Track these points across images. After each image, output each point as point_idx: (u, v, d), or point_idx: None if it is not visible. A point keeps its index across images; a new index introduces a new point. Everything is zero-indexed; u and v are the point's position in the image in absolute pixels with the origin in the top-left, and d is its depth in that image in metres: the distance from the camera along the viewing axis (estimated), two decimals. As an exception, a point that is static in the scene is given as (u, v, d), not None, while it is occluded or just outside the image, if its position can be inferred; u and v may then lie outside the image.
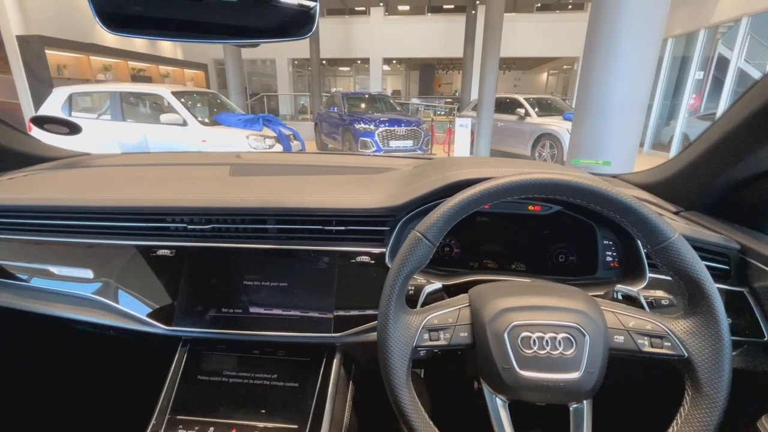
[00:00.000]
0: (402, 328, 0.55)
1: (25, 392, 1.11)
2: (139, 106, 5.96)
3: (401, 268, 0.55)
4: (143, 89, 6.08)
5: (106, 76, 10.21)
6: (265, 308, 0.77)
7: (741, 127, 0.66)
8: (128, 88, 5.98)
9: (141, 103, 5.95)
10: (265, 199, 0.81)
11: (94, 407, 1.20)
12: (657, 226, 0.51)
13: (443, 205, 0.55)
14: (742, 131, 0.66)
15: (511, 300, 0.55)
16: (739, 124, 0.66)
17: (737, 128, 0.67)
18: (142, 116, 5.84)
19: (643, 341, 0.52)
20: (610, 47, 2.27)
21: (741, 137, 0.67)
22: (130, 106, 5.81)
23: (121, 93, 5.65)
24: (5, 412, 1.07)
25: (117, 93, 5.62)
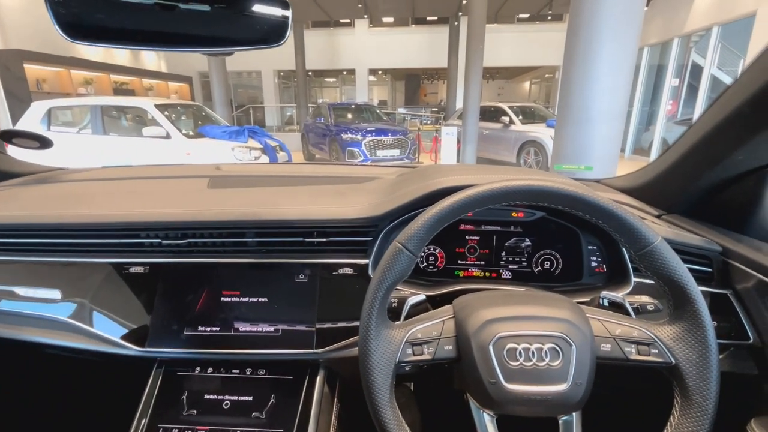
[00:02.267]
0: (384, 344, 0.53)
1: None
2: (122, 120, 5.86)
3: (382, 280, 0.53)
4: (125, 102, 5.99)
5: (88, 90, 10.04)
6: (245, 325, 0.74)
7: (715, 131, 0.67)
8: (109, 101, 5.89)
9: (123, 116, 5.85)
10: (242, 211, 0.78)
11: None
12: (639, 231, 0.50)
13: (423, 215, 0.54)
14: (716, 135, 0.67)
15: (496, 310, 0.53)
16: (713, 127, 0.67)
17: (712, 132, 0.67)
18: (125, 130, 5.73)
19: (631, 349, 0.51)
20: (589, 56, 2.32)
21: (716, 140, 0.68)
22: (111, 119, 5.71)
23: (102, 106, 5.55)
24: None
25: (98, 106, 5.52)
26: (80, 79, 9.99)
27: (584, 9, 2.32)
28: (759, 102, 0.55)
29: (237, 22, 0.56)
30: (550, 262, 0.82)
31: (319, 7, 11.97)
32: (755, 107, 0.56)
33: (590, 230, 0.78)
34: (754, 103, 0.56)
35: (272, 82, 15.44)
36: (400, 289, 0.72)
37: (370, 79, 15.65)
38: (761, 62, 0.54)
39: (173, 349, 0.74)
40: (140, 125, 5.45)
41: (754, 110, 0.57)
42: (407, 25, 14.51)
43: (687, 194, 0.78)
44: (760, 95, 0.54)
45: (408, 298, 0.63)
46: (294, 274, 0.77)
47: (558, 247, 0.82)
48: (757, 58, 0.54)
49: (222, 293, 0.76)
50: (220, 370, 0.76)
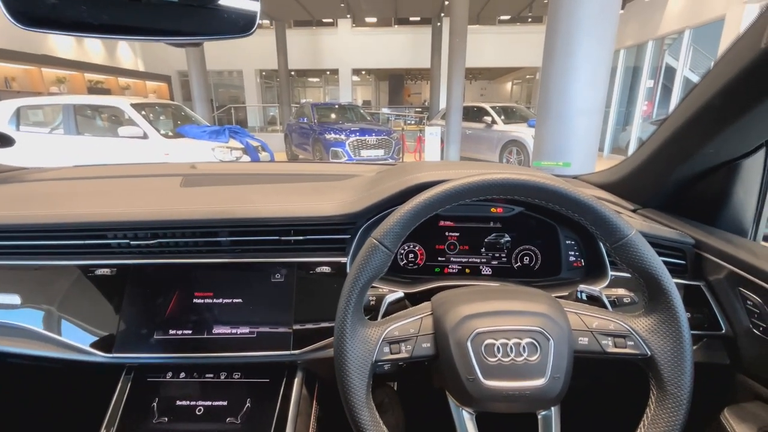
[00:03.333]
0: (360, 343, 0.51)
1: None
2: (96, 120, 5.65)
3: (357, 277, 0.52)
4: (99, 101, 5.79)
5: (60, 89, 9.69)
6: (218, 327, 0.72)
7: (686, 126, 0.68)
8: (83, 100, 5.67)
9: (98, 116, 5.65)
10: (215, 210, 0.75)
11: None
12: (614, 224, 0.50)
13: (399, 210, 0.52)
14: (687, 130, 0.68)
15: (474, 306, 0.52)
16: (684, 123, 0.68)
17: (683, 127, 0.68)
18: (99, 130, 5.53)
19: (607, 342, 0.51)
20: (567, 50, 2.36)
21: (687, 135, 0.69)
22: (85, 119, 5.50)
23: (75, 105, 5.33)
24: None
25: (70, 105, 5.31)
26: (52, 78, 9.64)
27: (563, 4, 2.36)
28: (727, 94, 0.56)
29: (203, 13, 0.54)
30: (530, 258, 0.82)
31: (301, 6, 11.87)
32: (724, 99, 0.57)
33: (568, 225, 0.78)
34: (722, 96, 0.57)
35: (254, 82, 15.22)
36: (377, 287, 0.71)
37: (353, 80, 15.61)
38: (729, 57, 0.55)
39: (142, 354, 0.71)
40: (116, 125, 5.26)
41: (723, 103, 0.58)
42: (390, 25, 14.52)
43: (661, 189, 0.79)
44: (728, 88, 0.55)
45: (386, 296, 0.61)
46: (270, 274, 0.75)
47: (537, 242, 0.82)
48: (725, 53, 0.55)
49: (194, 295, 0.73)
50: (193, 374, 0.73)
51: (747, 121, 0.57)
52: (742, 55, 0.51)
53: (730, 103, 0.57)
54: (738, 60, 0.52)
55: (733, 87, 0.54)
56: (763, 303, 0.59)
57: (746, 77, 0.52)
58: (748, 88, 0.53)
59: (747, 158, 0.68)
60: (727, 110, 0.58)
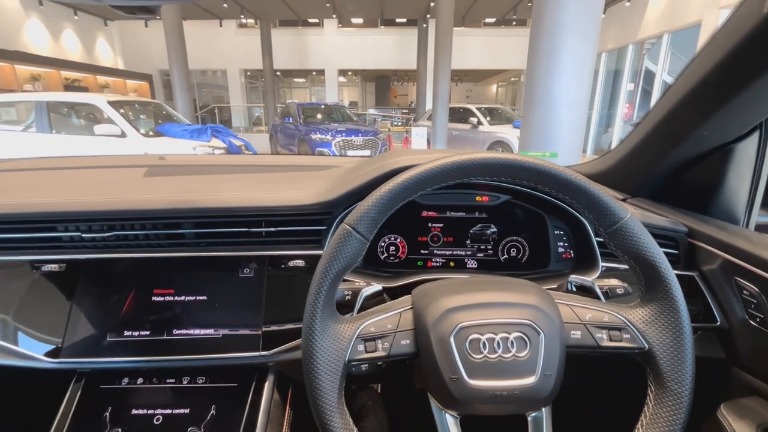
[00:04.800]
0: (331, 340, 0.46)
1: None
2: (72, 118, 5.46)
3: (328, 267, 0.46)
4: (74, 98, 5.56)
5: (35, 86, 9.34)
6: (180, 328, 0.65)
7: (679, 107, 0.64)
8: (56, 97, 5.45)
9: (73, 114, 5.45)
10: (177, 198, 0.69)
11: None
12: (609, 207, 0.46)
13: (375, 193, 0.47)
14: (679, 112, 0.65)
15: (458, 298, 0.48)
16: (676, 104, 0.64)
17: (675, 109, 0.65)
18: (75, 128, 5.34)
19: (602, 335, 0.47)
20: (553, 39, 2.36)
21: (679, 118, 0.66)
22: (60, 117, 5.30)
23: (48, 103, 5.13)
24: None
25: (43, 102, 5.10)
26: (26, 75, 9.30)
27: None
28: (725, 68, 0.53)
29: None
30: (517, 249, 0.78)
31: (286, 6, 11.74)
32: (721, 74, 0.54)
33: (557, 214, 0.75)
34: (719, 71, 0.54)
35: (238, 82, 15.00)
36: (354, 281, 0.66)
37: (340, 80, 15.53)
38: (726, 28, 0.52)
39: (95, 358, 0.64)
40: (93, 123, 5.08)
41: (720, 78, 0.54)
42: (376, 26, 14.51)
43: (651, 177, 0.76)
44: (726, 61, 0.52)
45: (362, 290, 0.56)
46: (238, 269, 0.69)
47: (524, 233, 0.78)
48: (723, 25, 0.52)
49: (153, 292, 0.67)
50: (152, 380, 0.66)
51: (744, 98, 0.54)
52: (741, 23, 0.48)
53: (727, 78, 0.54)
54: (737, 30, 0.49)
55: (731, 59, 0.51)
56: (760, 293, 0.56)
57: (746, 47, 0.48)
58: (748, 60, 0.50)
59: (740, 142, 0.65)
60: (724, 86, 0.55)
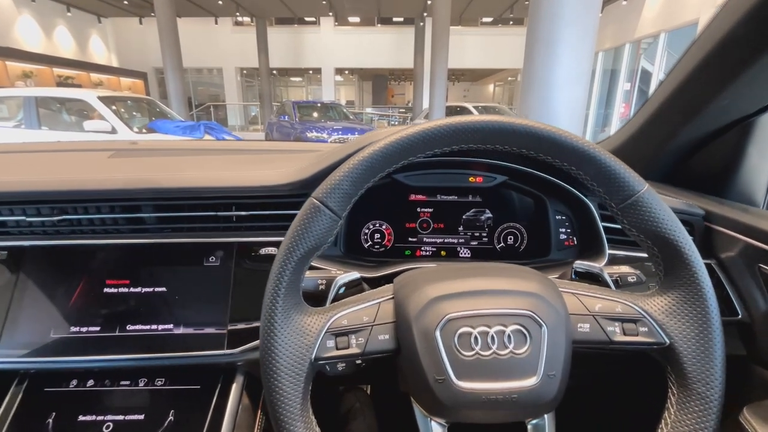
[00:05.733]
0: (294, 334, 0.39)
1: None
2: (62, 114, 5.36)
3: (292, 248, 0.39)
4: (64, 94, 5.48)
5: (27, 83, 9.22)
6: (135, 323, 0.58)
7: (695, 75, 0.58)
8: (45, 92, 5.35)
9: (64, 110, 5.35)
10: (134, 178, 0.62)
11: None
12: (622, 177, 0.39)
13: (348, 161, 0.40)
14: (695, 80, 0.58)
15: (445, 285, 0.41)
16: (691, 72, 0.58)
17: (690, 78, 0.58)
18: (64, 124, 5.24)
19: (614, 328, 0.40)
20: (553, 17, 2.30)
21: (694, 87, 0.59)
22: (50, 113, 5.21)
23: (37, 98, 5.04)
24: None
25: (31, 98, 5.01)
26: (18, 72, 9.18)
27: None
28: (753, 21, 0.46)
29: None
30: (514, 237, 0.71)
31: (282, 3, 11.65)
32: (747, 29, 0.47)
33: (559, 197, 0.68)
34: (746, 25, 0.47)
35: (234, 80, 14.90)
36: (330, 269, 0.59)
37: (336, 79, 15.46)
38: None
39: (38, 358, 0.56)
40: (83, 119, 4.98)
41: (746, 33, 0.47)
42: (373, 24, 14.44)
43: (662, 157, 0.70)
44: (755, 13, 0.45)
45: (336, 278, 0.49)
46: (202, 257, 0.61)
47: (522, 218, 0.71)
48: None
49: (105, 283, 0.59)
50: (104, 382, 0.59)
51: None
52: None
53: (754, 33, 0.47)
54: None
55: (760, 11, 0.44)
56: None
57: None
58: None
59: (762, 114, 0.58)
60: (751, 43, 0.48)
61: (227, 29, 14.17)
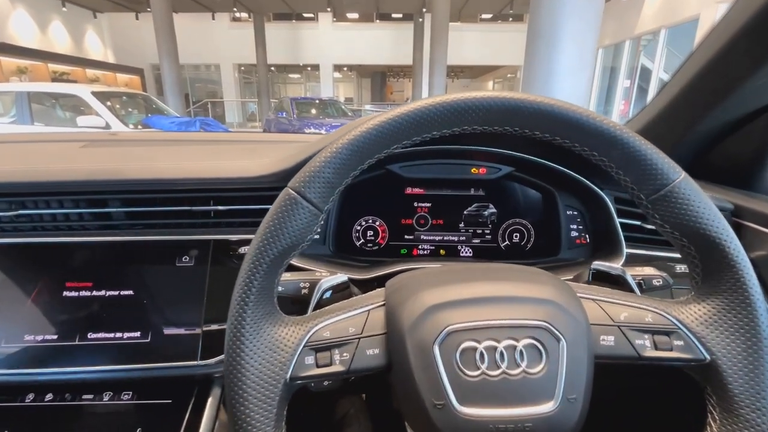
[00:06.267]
0: (266, 350, 0.33)
1: None
2: (55, 109, 5.30)
3: (264, 248, 0.33)
4: (57, 89, 5.41)
5: (22, 79, 9.12)
6: (98, 330, 0.52)
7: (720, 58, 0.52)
8: (38, 87, 5.29)
9: (57, 105, 5.29)
10: (98, 168, 0.55)
11: None
12: (655, 164, 0.33)
13: (331, 146, 0.34)
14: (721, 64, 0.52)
15: (445, 291, 0.35)
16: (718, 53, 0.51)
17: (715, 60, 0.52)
18: (57, 120, 5.20)
19: (643, 341, 0.34)
20: None
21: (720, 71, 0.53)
22: (43, 108, 5.15)
23: (30, 93, 4.97)
24: None
25: (24, 93, 4.94)
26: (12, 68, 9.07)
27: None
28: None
29: None
30: (521, 234, 0.65)
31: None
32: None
33: (570, 190, 0.62)
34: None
35: (232, 77, 14.78)
36: (315, 270, 0.53)
37: (335, 76, 15.36)
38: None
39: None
40: (77, 115, 4.92)
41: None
42: (372, 20, 14.33)
43: (685, 145, 0.63)
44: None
45: (320, 281, 0.43)
46: (174, 257, 0.55)
47: (529, 214, 0.65)
48: None
49: (65, 286, 0.53)
50: (64, 396, 0.53)
51: None
52: None
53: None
54: None
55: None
56: None
57: None
58: None
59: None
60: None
61: (224, 25, 14.05)
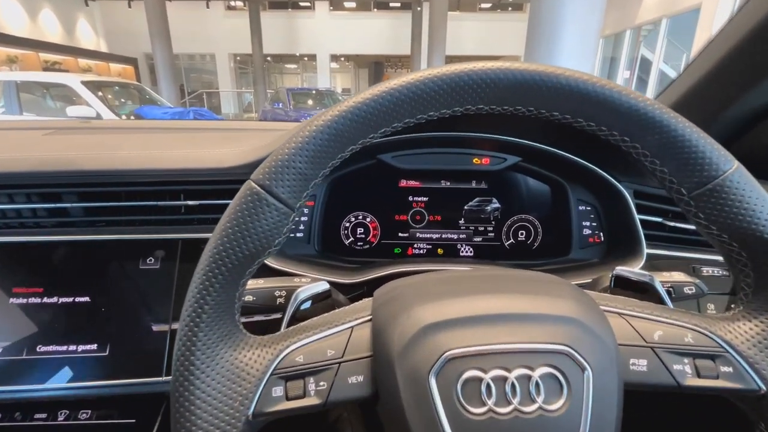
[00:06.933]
0: (223, 380, 0.27)
1: None
2: (45, 99, 5.20)
3: (221, 253, 0.27)
4: (45, 78, 5.31)
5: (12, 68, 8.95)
6: (50, 343, 0.46)
7: (763, 29, 0.45)
8: (26, 77, 5.19)
9: (47, 95, 5.19)
10: (48, 158, 0.49)
11: None
12: (702, 152, 0.27)
13: (304, 129, 0.28)
14: (763, 36, 0.45)
15: (443, 306, 0.28)
16: (762, 20, 0.45)
17: (759, 28, 0.46)
18: (47, 110, 5.10)
19: (682, 366, 0.28)
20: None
21: (762, 44, 0.46)
22: (32, 98, 5.05)
23: (18, 83, 4.86)
24: None
25: (12, 82, 4.85)
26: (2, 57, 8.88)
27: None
28: None
29: None
30: (526, 232, 0.59)
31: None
32: None
33: (583, 182, 0.55)
34: None
35: (228, 67, 14.58)
36: (297, 274, 0.46)
37: (332, 66, 15.19)
38: None
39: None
40: (68, 105, 4.83)
41: None
42: (369, 9, 14.11)
43: (716, 132, 0.57)
44: None
45: (297, 290, 0.36)
46: (138, 258, 0.49)
47: (537, 209, 0.59)
48: None
49: (12, 292, 0.47)
50: (14, 416, 0.47)
51: None
52: None
53: None
54: None
55: None
56: None
57: None
58: None
59: None
60: None
61: (219, 14, 13.81)
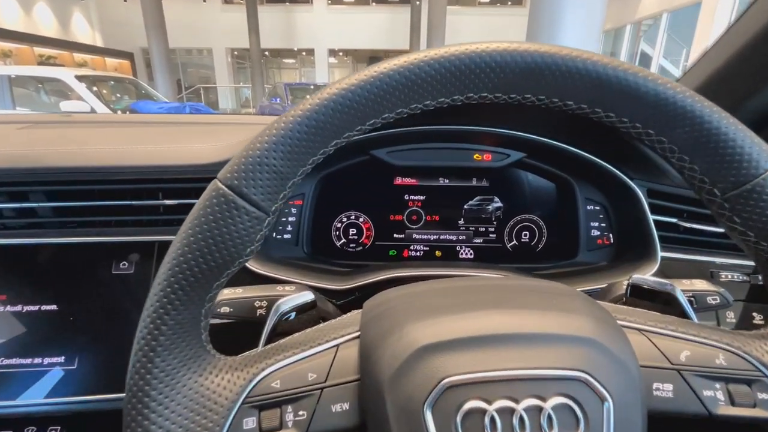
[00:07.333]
0: (185, 411, 0.23)
1: None
2: (39, 94, 5.15)
3: (182, 265, 0.23)
4: (38, 72, 5.27)
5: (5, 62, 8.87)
6: (14, 356, 0.42)
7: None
8: (19, 71, 5.16)
9: (41, 89, 5.14)
10: (14, 153, 0.45)
11: None
12: (740, 147, 0.23)
13: (279, 120, 0.24)
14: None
15: (442, 324, 0.25)
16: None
17: None
18: (41, 105, 5.08)
19: (713, 393, 0.25)
20: None
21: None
22: (27, 93, 5.02)
23: (10, 77, 4.82)
24: None
25: (4, 77, 4.82)
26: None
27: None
28: None
29: None
30: (530, 233, 0.55)
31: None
32: None
33: (592, 180, 0.52)
34: None
35: (225, 62, 14.48)
36: (279, 281, 0.43)
37: (330, 61, 15.09)
38: None
39: None
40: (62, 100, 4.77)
41: None
42: (368, 4, 14.00)
43: (746, 116, 0.52)
44: None
45: (278, 301, 0.33)
46: (110, 262, 0.45)
47: (542, 208, 0.55)
48: None
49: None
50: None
51: None
52: None
53: None
54: None
55: None
56: None
57: None
58: None
59: None
60: None
61: (216, 8, 13.69)
